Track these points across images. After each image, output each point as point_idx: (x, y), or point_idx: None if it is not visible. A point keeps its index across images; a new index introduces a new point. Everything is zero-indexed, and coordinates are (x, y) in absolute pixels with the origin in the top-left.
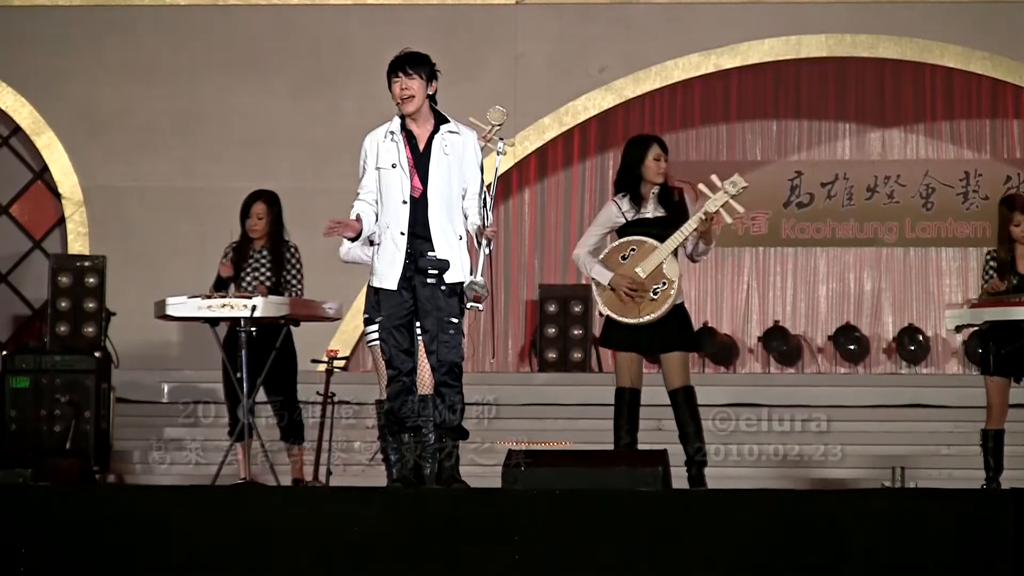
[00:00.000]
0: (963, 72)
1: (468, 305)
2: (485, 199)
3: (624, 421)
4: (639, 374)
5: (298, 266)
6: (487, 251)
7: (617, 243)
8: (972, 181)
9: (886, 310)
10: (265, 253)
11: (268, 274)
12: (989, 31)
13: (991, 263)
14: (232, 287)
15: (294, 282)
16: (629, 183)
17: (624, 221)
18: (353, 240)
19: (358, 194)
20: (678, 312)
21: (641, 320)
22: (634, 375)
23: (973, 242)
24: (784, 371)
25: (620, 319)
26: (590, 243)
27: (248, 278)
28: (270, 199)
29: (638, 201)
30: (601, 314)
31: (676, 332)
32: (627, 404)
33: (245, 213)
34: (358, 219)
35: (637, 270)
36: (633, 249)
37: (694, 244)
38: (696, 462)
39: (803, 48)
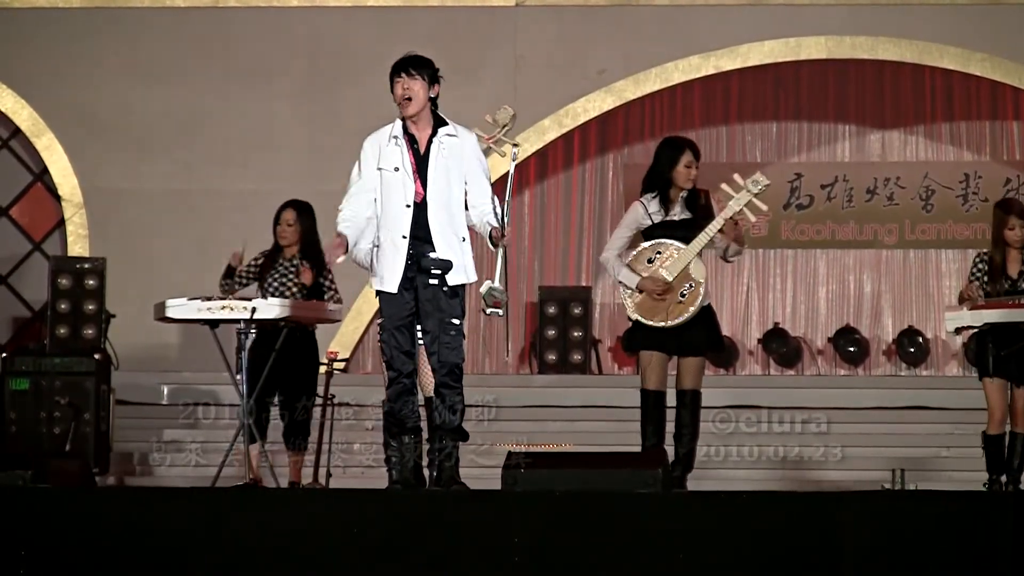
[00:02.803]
0: (962, 74)
1: (488, 311)
2: (496, 206)
3: (650, 423)
4: (664, 375)
5: (332, 276)
6: (502, 254)
7: (642, 247)
8: (972, 183)
9: (886, 312)
10: (294, 262)
11: (296, 281)
12: (988, 33)
13: (979, 265)
14: (258, 286)
15: (331, 287)
16: (659, 185)
17: (651, 223)
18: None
19: (349, 194)
20: (706, 314)
21: (669, 323)
22: (660, 377)
23: (973, 244)
24: (784, 373)
25: (649, 323)
26: (618, 245)
27: (275, 284)
28: (300, 207)
29: (666, 203)
30: (630, 319)
31: (703, 335)
32: (652, 406)
33: (276, 221)
34: (343, 241)
35: (664, 273)
36: (659, 252)
37: (725, 246)
38: (683, 464)
39: (803, 50)
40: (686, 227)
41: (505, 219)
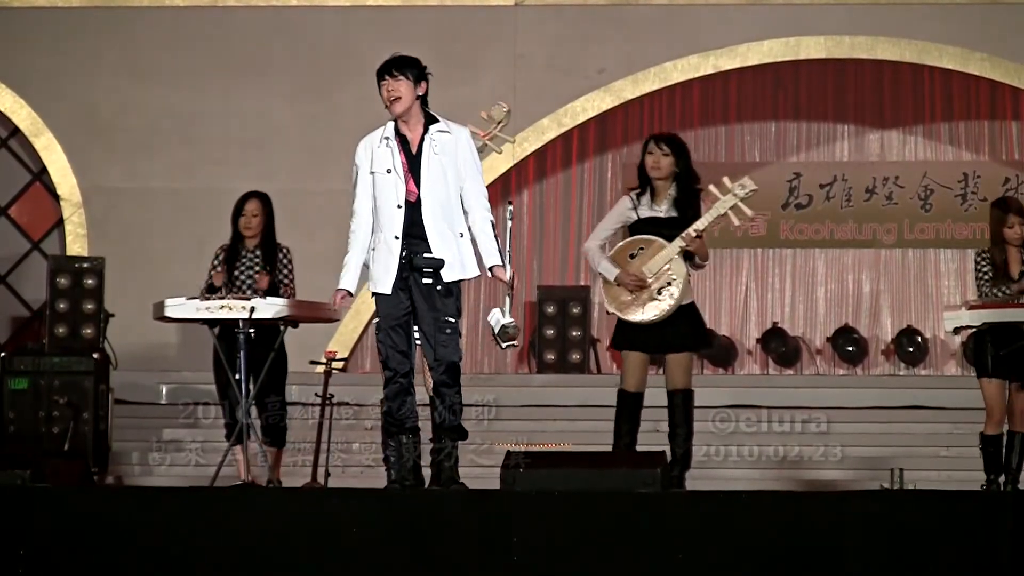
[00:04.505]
0: (961, 74)
1: (504, 346)
2: (500, 246)
3: (625, 423)
4: (644, 377)
5: (290, 267)
6: (509, 296)
7: (626, 241)
8: (971, 183)
9: (885, 311)
10: (258, 252)
11: (262, 274)
12: (987, 33)
13: (984, 266)
14: (223, 290)
15: (287, 282)
16: (641, 181)
17: (636, 218)
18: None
19: (353, 208)
20: (688, 312)
21: (645, 319)
22: (640, 378)
23: (972, 243)
24: (783, 372)
25: (624, 316)
26: (602, 236)
27: (243, 276)
28: (263, 198)
29: (653, 198)
30: (608, 312)
31: (685, 332)
32: (629, 407)
33: (238, 212)
34: (345, 295)
35: (644, 269)
36: (642, 248)
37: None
38: (680, 463)
39: (802, 50)
40: (671, 225)
41: (507, 257)
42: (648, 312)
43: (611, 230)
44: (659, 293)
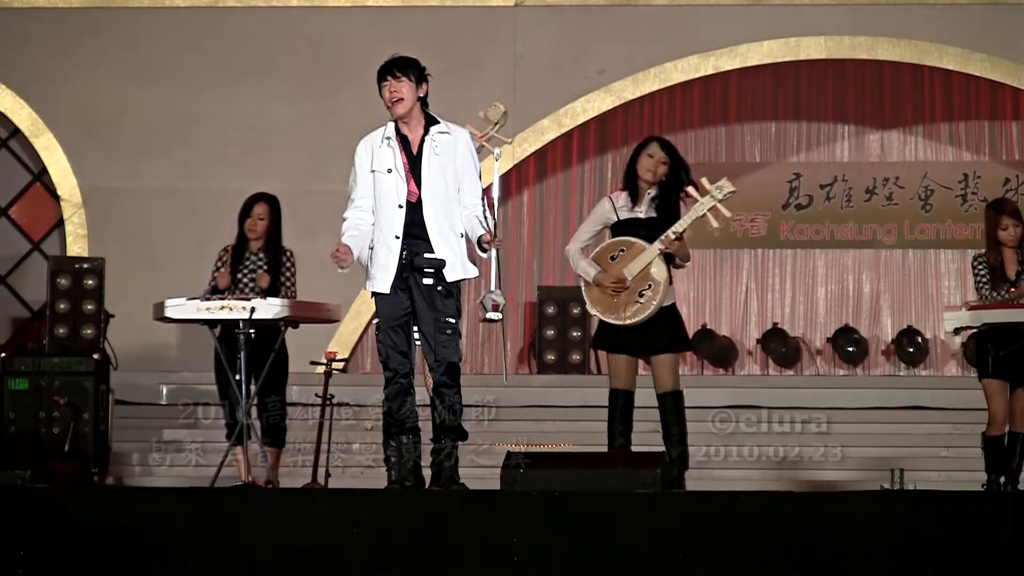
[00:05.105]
0: (961, 74)
1: (488, 314)
2: (485, 212)
3: (618, 423)
4: (632, 375)
5: (293, 270)
6: (495, 257)
7: (607, 243)
8: (971, 183)
9: (885, 312)
10: (262, 255)
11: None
12: (987, 33)
13: (982, 269)
14: (227, 292)
15: (288, 284)
16: (628, 179)
17: (616, 219)
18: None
19: (351, 200)
20: (668, 313)
21: (625, 321)
22: (627, 377)
23: (972, 244)
24: (783, 373)
25: (604, 318)
26: (583, 238)
27: (245, 279)
28: (272, 201)
29: (634, 198)
30: (589, 313)
31: (666, 334)
32: (620, 406)
33: (245, 214)
34: (348, 249)
35: (624, 271)
36: (622, 250)
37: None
38: (678, 464)
39: (802, 50)
40: (651, 226)
41: (494, 223)
42: (629, 315)
43: (592, 232)
44: (640, 296)
